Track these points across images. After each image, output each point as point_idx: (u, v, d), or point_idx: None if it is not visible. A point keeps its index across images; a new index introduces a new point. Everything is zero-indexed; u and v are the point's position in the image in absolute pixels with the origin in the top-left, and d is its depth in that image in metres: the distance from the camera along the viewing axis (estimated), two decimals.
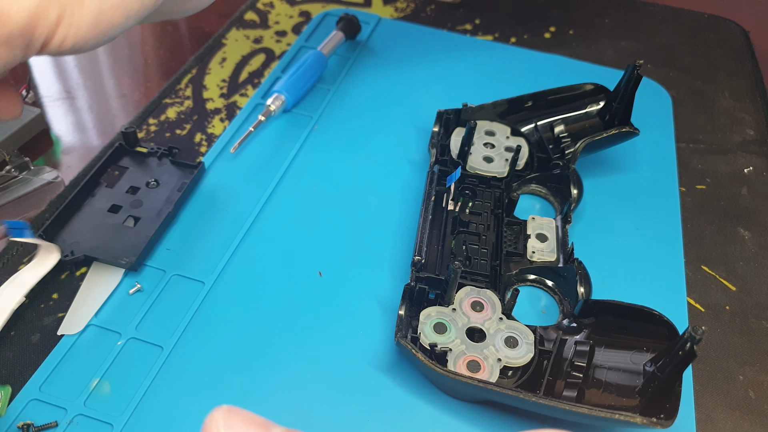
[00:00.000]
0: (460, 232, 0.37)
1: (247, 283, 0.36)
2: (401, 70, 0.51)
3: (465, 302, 0.33)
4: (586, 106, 0.43)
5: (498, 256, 0.36)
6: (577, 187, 0.39)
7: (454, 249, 0.36)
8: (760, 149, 0.47)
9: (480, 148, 0.41)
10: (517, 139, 0.42)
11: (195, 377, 0.32)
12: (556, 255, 0.36)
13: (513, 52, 0.53)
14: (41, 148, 0.44)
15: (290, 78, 0.46)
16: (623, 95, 0.40)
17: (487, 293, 0.33)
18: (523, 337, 0.32)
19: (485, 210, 0.39)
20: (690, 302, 0.37)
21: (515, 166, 0.40)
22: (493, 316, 0.32)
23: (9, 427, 0.29)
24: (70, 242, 0.36)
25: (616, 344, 0.31)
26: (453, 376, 0.29)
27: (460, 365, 0.30)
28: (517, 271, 0.36)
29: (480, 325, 0.32)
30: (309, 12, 0.57)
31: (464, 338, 0.31)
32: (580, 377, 0.30)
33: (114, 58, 0.52)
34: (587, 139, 0.39)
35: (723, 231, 0.41)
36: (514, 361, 0.31)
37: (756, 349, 0.35)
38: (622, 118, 0.41)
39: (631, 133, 0.40)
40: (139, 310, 0.34)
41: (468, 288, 0.33)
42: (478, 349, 0.31)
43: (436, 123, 0.43)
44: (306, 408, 0.31)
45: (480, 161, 0.40)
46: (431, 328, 0.32)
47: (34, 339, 0.33)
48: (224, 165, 0.42)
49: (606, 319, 0.32)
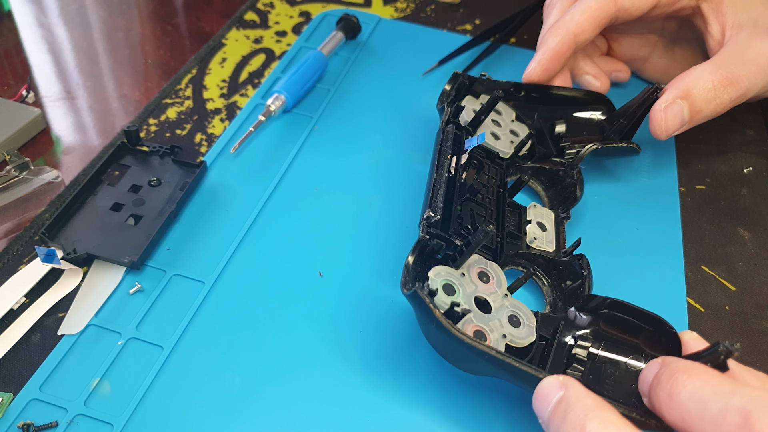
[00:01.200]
0: (467, 199, 0.36)
1: (247, 283, 0.36)
2: (401, 70, 0.51)
3: (473, 269, 0.31)
4: (588, 113, 0.43)
5: (501, 232, 0.35)
6: (581, 190, 0.39)
7: (463, 215, 0.35)
8: (760, 149, 0.47)
9: (489, 124, 0.40)
10: (520, 125, 0.42)
11: (195, 377, 0.32)
12: (554, 246, 0.36)
13: (513, 52, 0.53)
14: (41, 148, 0.44)
15: (290, 78, 0.46)
16: (634, 113, 0.40)
17: (494, 266, 0.32)
18: (525, 319, 0.31)
19: (491, 185, 0.38)
20: (690, 302, 0.37)
21: (519, 151, 0.40)
22: (498, 290, 0.31)
23: (9, 427, 0.29)
24: (72, 240, 0.36)
25: (617, 345, 0.30)
26: (472, 342, 0.27)
27: (468, 332, 0.28)
28: (514, 254, 0.36)
29: (486, 297, 0.31)
30: (309, 12, 0.57)
31: (472, 305, 0.30)
32: (582, 371, 0.29)
33: (114, 58, 0.52)
34: (596, 144, 0.39)
35: (723, 231, 0.41)
36: (517, 341, 0.30)
37: (756, 349, 0.35)
38: (627, 135, 0.40)
39: (634, 150, 0.40)
40: (139, 310, 0.34)
41: (476, 256, 0.32)
42: (485, 320, 0.30)
43: (450, 82, 0.42)
44: (306, 408, 0.31)
45: (489, 136, 0.40)
46: (441, 287, 0.29)
47: (34, 339, 0.33)
48: (224, 165, 0.42)
49: (612, 316, 0.31)
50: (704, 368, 0.24)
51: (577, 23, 0.40)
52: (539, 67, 0.41)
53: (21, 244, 0.37)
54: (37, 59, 0.51)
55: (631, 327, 0.30)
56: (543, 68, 0.41)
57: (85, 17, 0.56)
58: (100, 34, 0.54)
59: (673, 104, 0.38)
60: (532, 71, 0.42)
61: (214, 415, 0.30)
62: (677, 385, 0.23)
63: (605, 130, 0.42)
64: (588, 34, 0.41)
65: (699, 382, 0.23)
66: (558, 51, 0.41)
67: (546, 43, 0.41)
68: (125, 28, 0.55)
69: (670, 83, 0.39)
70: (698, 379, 0.23)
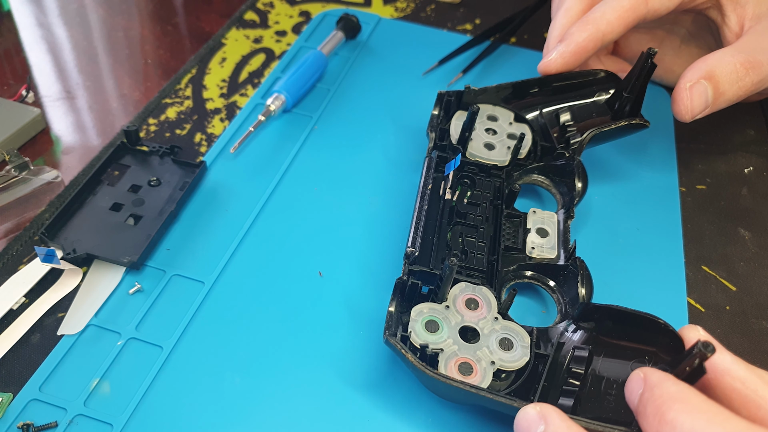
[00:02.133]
0: (456, 224, 0.36)
1: (247, 283, 0.36)
2: (401, 69, 0.51)
3: (459, 299, 0.31)
4: (594, 95, 0.41)
5: (496, 250, 0.35)
6: (582, 180, 0.38)
7: (450, 242, 0.35)
8: (760, 149, 0.47)
9: (481, 134, 0.40)
10: (520, 125, 0.40)
11: (195, 377, 0.32)
12: (556, 252, 0.35)
13: (513, 52, 0.53)
14: (41, 148, 0.44)
15: (290, 78, 0.46)
16: (635, 85, 0.38)
17: (483, 290, 0.32)
18: (518, 339, 0.30)
19: (484, 201, 0.37)
20: (690, 302, 0.37)
21: (517, 155, 0.38)
22: (488, 315, 0.31)
23: (9, 427, 0.29)
24: (71, 240, 0.36)
25: (617, 352, 0.29)
26: (444, 380, 0.28)
27: (452, 367, 0.29)
28: (515, 267, 0.35)
29: (474, 325, 0.31)
30: (309, 12, 0.57)
31: (457, 338, 0.30)
32: (577, 385, 0.28)
33: (114, 58, 0.52)
34: (595, 129, 0.38)
35: (723, 231, 0.41)
36: (508, 365, 0.29)
37: (756, 349, 0.35)
38: (632, 109, 0.39)
39: (641, 125, 0.38)
40: (139, 310, 0.34)
41: (463, 284, 0.32)
42: (471, 350, 0.30)
43: (436, 105, 0.41)
44: (305, 408, 0.31)
45: (481, 148, 0.39)
46: (422, 325, 0.30)
47: (33, 339, 0.33)
48: (224, 165, 0.42)
49: (607, 324, 0.30)
50: (688, 396, 0.22)
51: (608, 22, 0.39)
52: (561, 59, 0.40)
53: (21, 244, 0.37)
54: (36, 59, 0.51)
55: (629, 332, 0.29)
56: (564, 61, 0.40)
57: (84, 17, 0.56)
58: (99, 33, 0.54)
59: (698, 84, 0.37)
60: (552, 61, 0.40)
61: (214, 415, 0.30)
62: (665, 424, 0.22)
63: (614, 108, 0.40)
64: (615, 35, 0.40)
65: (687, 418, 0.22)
66: (584, 47, 0.39)
67: (572, 36, 0.40)
68: (125, 27, 0.55)
69: (691, 65, 0.38)
70: (686, 416, 0.22)
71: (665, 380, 0.23)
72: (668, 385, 0.23)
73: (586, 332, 0.31)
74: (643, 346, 0.29)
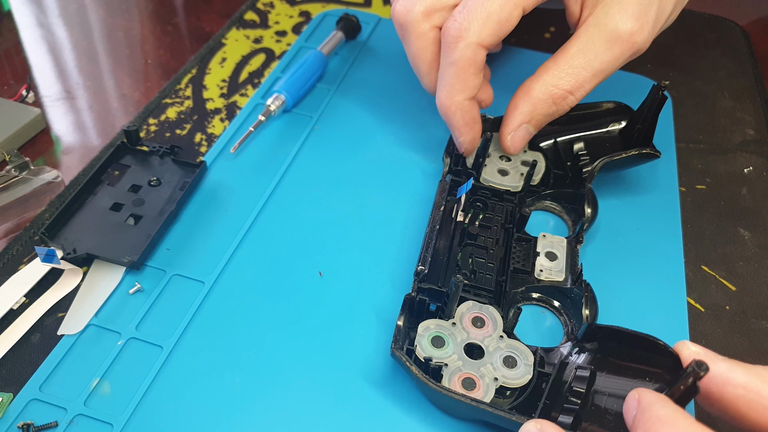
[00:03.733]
0: (467, 245, 0.37)
1: (247, 283, 0.36)
2: (401, 70, 0.50)
3: (466, 317, 0.32)
4: (607, 125, 0.42)
5: (505, 271, 0.35)
6: (592, 207, 0.38)
7: (460, 261, 0.36)
8: (760, 149, 0.47)
9: (495, 161, 0.41)
10: (534, 153, 0.41)
11: (195, 377, 0.32)
12: (564, 275, 0.35)
13: (513, 52, 0.53)
14: (41, 148, 0.44)
15: (290, 78, 0.46)
16: (646, 116, 0.39)
17: (490, 309, 0.33)
18: (522, 358, 0.31)
19: (496, 224, 0.38)
20: (690, 302, 0.37)
21: (530, 181, 0.39)
22: (494, 333, 0.32)
23: (9, 427, 0.29)
24: (71, 240, 0.36)
25: (619, 371, 0.29)
26: (446, 392, 0.29)
27: (455, 382, 0.30)
28: (523, 288, 0.35)
29: (479, 342, 0.31)
30: (309, 12, 0.57)
31: (462, 354, 0.31)
32: (578, 403, 0.29)
33: (114, 58, 0.52)
34: (606, 158, 0.38)
35: (723, 231, 0.41)
36: (511, 382, 0.30)
37: (756, 349, 0.35)
38: (644, 140, 0.40)
39: (652, 155, 0.39)
40: (139, 310, 0.34)
41: (470, 302, 0.33)
42: (475, 366, 0.30)
43: None
44: (306, 408, 0.31)
45: (494, 173, 0.40)
46: (429, 341, 0.31)
47: (33, 339, 0.33)
48: (224, 165, 0.42)
49: (610, 344, 0.30)
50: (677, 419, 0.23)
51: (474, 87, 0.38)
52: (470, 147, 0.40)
53: (21, 244, 0.37)
54: (37, 59, 0.51)
55: (630, 353, 0.30)
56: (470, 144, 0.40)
57: (85, 17, 0.56)
58: (100, 34, 0.54)
59: (518, 129, 0.38)
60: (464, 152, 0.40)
61: (214, 415, 0.30)
62: None
63: (626, 138, 0.41)
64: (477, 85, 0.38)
65: None
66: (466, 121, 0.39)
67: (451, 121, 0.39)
68: (125, 28, 0.55)
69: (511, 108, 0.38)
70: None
71: (656, 402, 0.23)
72: (657, 408, 0.23)
73: (589, 353, 0.31)
74: (645, 366, 0.29)
